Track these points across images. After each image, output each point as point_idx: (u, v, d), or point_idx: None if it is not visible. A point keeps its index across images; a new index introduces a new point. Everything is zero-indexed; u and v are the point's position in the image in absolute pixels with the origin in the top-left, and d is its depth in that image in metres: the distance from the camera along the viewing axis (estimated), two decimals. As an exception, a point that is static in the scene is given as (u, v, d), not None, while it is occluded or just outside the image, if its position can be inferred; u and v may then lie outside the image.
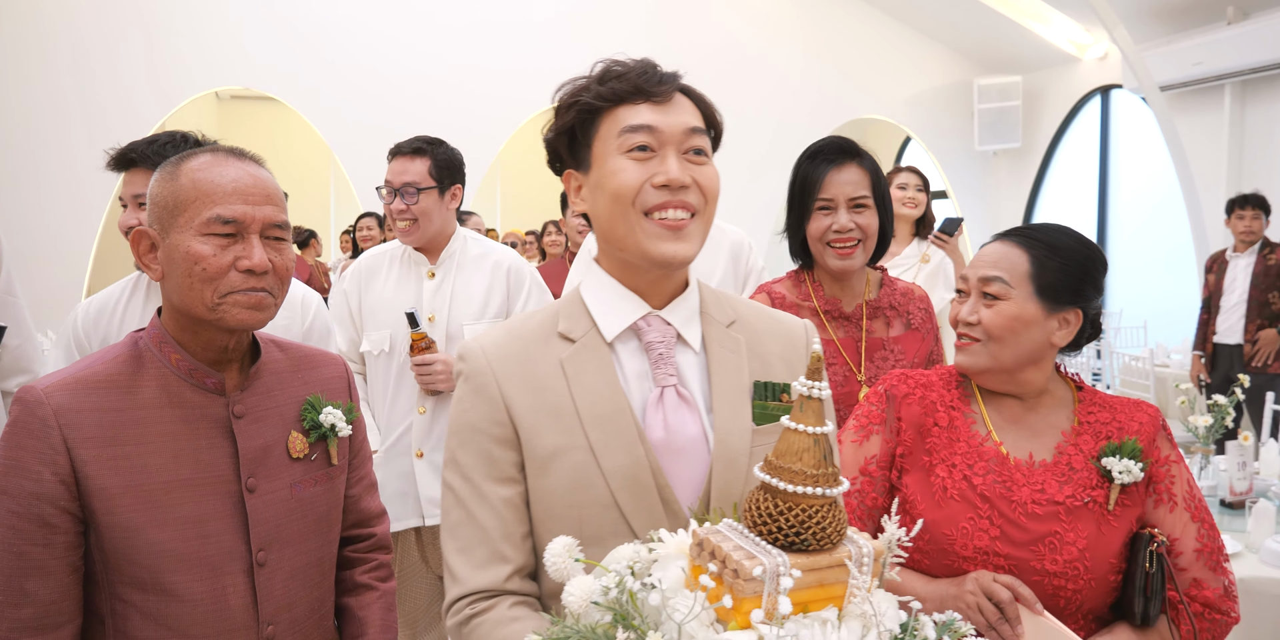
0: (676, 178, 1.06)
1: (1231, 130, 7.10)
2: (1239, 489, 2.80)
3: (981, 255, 1.51)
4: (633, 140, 1.07)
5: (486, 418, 1.09)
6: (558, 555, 0.88)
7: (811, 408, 0.82)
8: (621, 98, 1.09)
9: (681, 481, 1.08)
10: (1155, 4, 7.31)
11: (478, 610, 1.05)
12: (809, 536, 0.79)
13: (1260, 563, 2.36)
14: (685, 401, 1.10)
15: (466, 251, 2.51)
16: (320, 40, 7.61)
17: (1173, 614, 1.38)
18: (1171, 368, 5.88)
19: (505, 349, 1.12)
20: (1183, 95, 7.43)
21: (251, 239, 1.20)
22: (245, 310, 1.20)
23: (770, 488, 0.81)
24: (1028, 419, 1.49)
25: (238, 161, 1.23)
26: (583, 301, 1.15)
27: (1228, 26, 6.85)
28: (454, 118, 7.85)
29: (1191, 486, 1.45)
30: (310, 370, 1.37)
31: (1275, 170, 6.89)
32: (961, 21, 8.77)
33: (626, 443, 1.07)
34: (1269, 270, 4.80)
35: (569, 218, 4.27)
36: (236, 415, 1.24)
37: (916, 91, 9.35)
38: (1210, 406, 2.93)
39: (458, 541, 1.09)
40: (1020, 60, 9.07)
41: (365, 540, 1.45)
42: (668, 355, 1.12)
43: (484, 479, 1.09)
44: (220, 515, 1.21)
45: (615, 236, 1.10)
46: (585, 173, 1.13)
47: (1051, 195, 9.32)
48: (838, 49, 9.00)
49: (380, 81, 7.76)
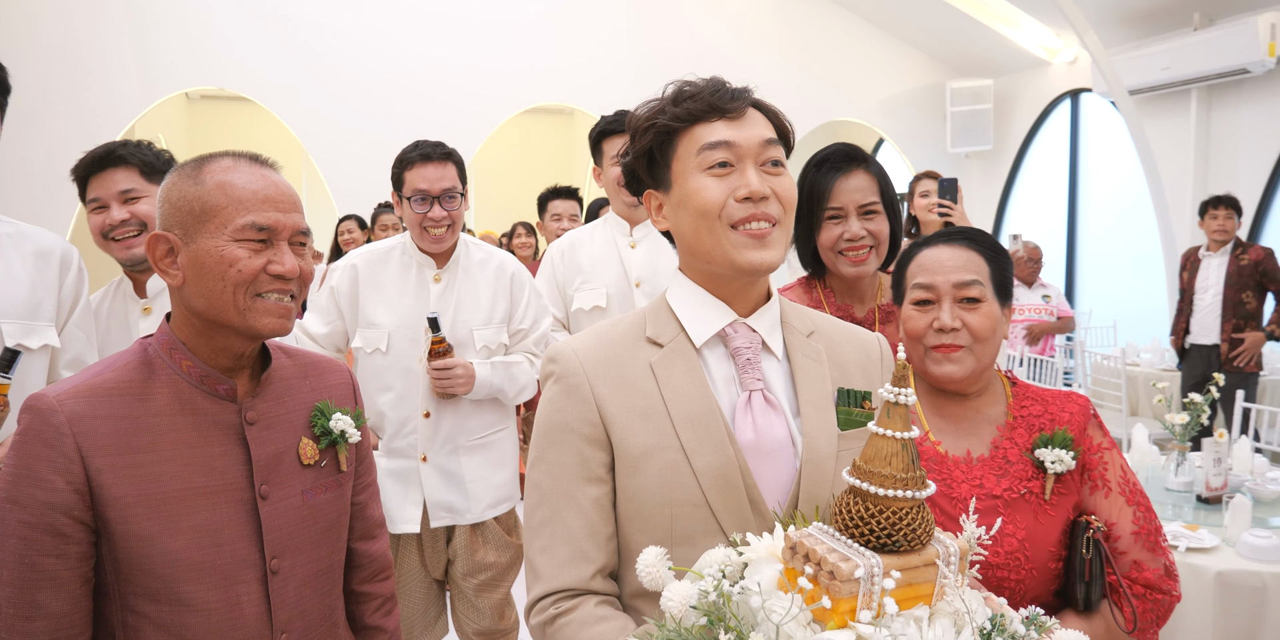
0: (758, 190, 1.10)
1: (1198, 133, 7.24)
2: (1214, 485, 2.87)
3: (940, 260, 1.49)
4: (712, 157, 1.10)
5: (579, 418, 1.11)
6: (650, 565, 0.90)
7: (899, 413, 0.84)
8: (697, 117, 1.13)
9: (768, 483, 1.11)
10: (1124, 9, 7.43)
11: (563, 609, 1.06)
12: (900, 538, 0.81)
13: (1237, 556, 2.41)
14: (772, 406, 1.13)
15: (470, 256, 2.51)
16: (293, 39, 7.54)
17: (1114, 597, 1.41)
18: (1142, 366, 5.98)
19: (596, 352, 1.15)
20: (1150, 99, 7.57)
21: (282, 245, 1.21)
22: (275, 319, 1.20)
23: (860, 491, 0.84)
24: (965, 416, 1.51)
25: (260, 168, 1.24)
26: (670, 308, 1.18)
27: (1194, 32, 6.99)
28: (430, 119, 7.81)
29: (1125, 471, 1.49)
30: (317, 377, 1.37)
31: (1240, 173, 7.04)
32: (934, 25, 8.87)
33: (717, 443, 1.09)
34: (1242, 270, 4.90)
35: (547, 222, 4.26)
36: (249, 422, 1.24)
37: (890, 94, 9.45)
38: (1186, 405, 2.99)
39: (542, 541, 1.10)
40: (992, 64, 9.19)
41: (368, 566, 1.45)
42: (754, 360, 1.14)
43: (574, 479, 1.10)
44: (234, 523, 1.20)
45: (703, 250, 1.13)
46: (666, 192, 1.16)
47: (1022, 197, 9.45)
48: (813, 52, 9.07)
49: (355, 82, 7.71)
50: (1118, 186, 8.29)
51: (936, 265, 1.49)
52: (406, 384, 2.41)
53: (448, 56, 7.98)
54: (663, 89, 1.17)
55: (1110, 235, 8.47)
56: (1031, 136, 9.19)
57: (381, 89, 7.78)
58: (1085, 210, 8.76)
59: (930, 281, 1.48)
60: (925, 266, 1.50)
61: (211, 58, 7.34)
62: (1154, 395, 4.77)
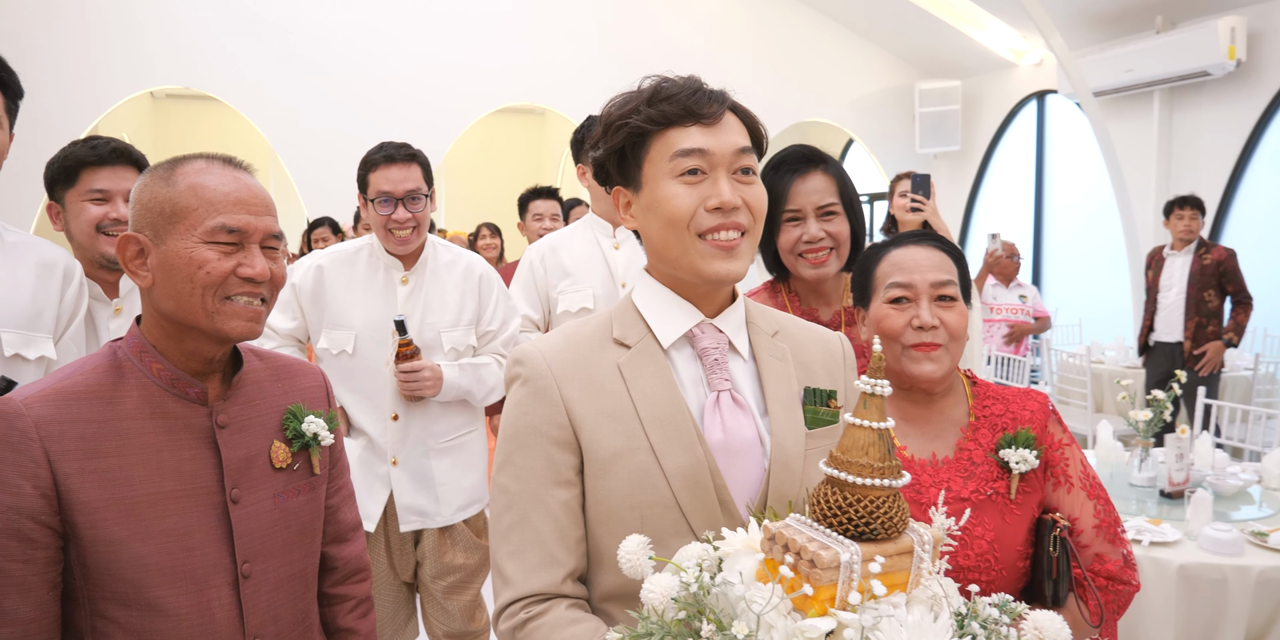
0: (729, 201, 1.09)
1: (1160, 135, 7.37)
2: (1177, 480, 2.92)
3: (916, 260, 1.50)
4: (685, 164, 1.09)
5: (547, 420, 1.10)
6: (632, 553, 0.91)
7: (875, 404, 0.86)
8: (672, 120, 1.11)
9: (737, 483, 1.11)
10: (1088, 12, 7.54)
11: (533, 613, 1.05)
12: (878, 526, 0.83)
13: (1199, 549, 2.46)
14: (740, 406, 1.13)
15: (438, 258, 2.49)
16: (260, 38, 7.47)
17: (1080, 591, 1.43)
18: (1106, 364, 6.08)
19: (563, 353, 1.14)
20: (1115, 101, 7.68)
21: (252, 248, 1.20)
22: (245, 322, 1.20)
23: (838, 481, 0.85)
24: (929, 418, 1.52)
25: (234, 171, 1.23)
26: (636, 309, 1.17)
27: (1156, 35, 7.11)
28: (401, 118, 7.77)
29: (1085, 466, 1.51)
30: (290, 379, 1.36)
31: (1201, 173, 7.17)
32: (903, 27, 8.95)
33: (687, 444, 1.09)
34: (1205, 269, 4.98)
35: (529, 222, 4.24)
36: (219, 425, 1.23)
37: (860, 95, 9.52)
38: (1149, 401, 3.04)
39: (510, 545, 1.09)
40: (960, 65, 9.29)
41: (342, 569, 1.44)
42: (722, 361, 1.14)
43: (542, 482, 1.09)
44: (204, 527, 1.19)
45: (670, 257, 1.13)
46: (635, 192, 1.15)
47: (990, 197, 9.56)
48: (785, 53, 9.13)
49: (323, 82, 7.64)
50: (1083, 187, 8.41)
51: (913, 264, 1.49)
52: (374, 386, 2.39)
53: (418, 55, 7.94)
54: (639, 82, 1.15)
55: (1075, 235, 8.59)
56: (999, 137, 9.30)
57: (351, 89, 7.72)
58: (1051, 210, 8.88)
59: (908, 280, 1.48)
60: (901, 266, 1.50)
61: (177, 56, 7.26)
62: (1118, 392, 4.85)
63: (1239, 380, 5.52)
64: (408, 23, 7.90)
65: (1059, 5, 7.42)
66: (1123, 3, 7.26)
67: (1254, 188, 6.96)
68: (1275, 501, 2.89)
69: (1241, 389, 5.49)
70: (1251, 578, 2.32)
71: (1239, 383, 5.51)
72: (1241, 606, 2.31)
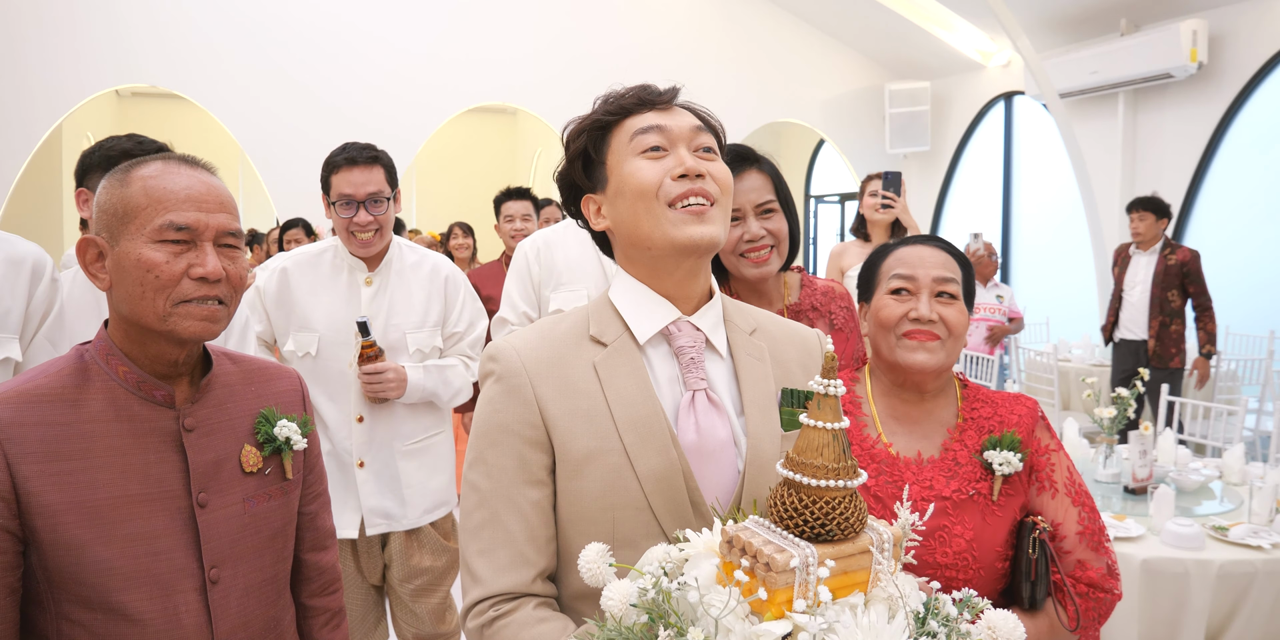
0: (693, 167, 1.10)
1: (1125, 136, 7.48)
2: (1140, 476, 2.97)
3: (922, 256, 1.52)
4: (646, 141, 1.12)
5: (520, 419, 1.10)
6: (591, 562, 0.90)
7: (829, 405, 0.86)
8: (628, 110, 1.15)
9: (711, 485, 1.10)
10: (1055, 15, 7.65)
11: (502, 612, 1.05)
12: (834, 527, 0.83)
13: (1162, 544, 2.50)
14: (715, 406, 1.13)
15: (403, 259, 2.48)
16: (228, 36, 7.39)
17: (1059, 596, 1.44)
18: (1073, 362, 6.15)
19: (538, 351, 1.13)
20: (1080, 102, 7.79)
21: (205, 246, 1.17)
22: (198, 322, 1.17)
23: (793, 483, 0.85)
24: (918, 418, 1.53)
25: (190, 169, 1.21)
26: (613, 306, 1.17)
27: (1121, 38, 7.22)
28: (372, 117, 7.72)
29: (1071, 472, 1.52)
30: (263, 383, 1.34)
31: (1164, 173, 7.29)
32: (873, 29, 9.02)
33: (660, 446, 1.08)
34: (1169, 269, 5.05)
35: (502, 223, 4.23)
36: (187, 428, 1.21)
37: (831, 96, 9.59)
38: (1114, 399, 3.09)
39: (480, 543, 1.08)
40: (929, 67, 9.38)
41: (318, 578, 1.43)
42: (698, 360, 1.14)
43: (513, 481, 1.09)
44: (170, 532, 1.18)
45: (642, 234, 1.12)
46: (603, 190, 1.16)
47: (959, 196, 9.66)
48: (757, 55, 9.18)
49: (294, 80, 7.58)
50: (1049, 187, 8.52)
51: (918, 260, 1.52)
52: (338, 388, 2.38)
53: (390, 53, 7.89)
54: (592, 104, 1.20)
55: (1042, 234, 8.71)
56: (967, 138, 9.40)
57: (321, 88, 7.66)
58: (1019, 210, 8.99)
59: (911, 273, 1.50)
60: (906, 260, 1.53)
61: (143, 54, 7.17)
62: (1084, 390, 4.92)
63: (1201, 377, 5.62)
64: (379, 21, 7.86)
65: (1026, 8, 7.52)
66: (1088, 6, 7.36)
67: (1216, 188, 7.09)
68: (1236, 496, 2.95)
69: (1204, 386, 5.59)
70: (1212, 571, 2.36)
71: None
72: (1203, 600, 2.36)
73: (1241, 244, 6.92)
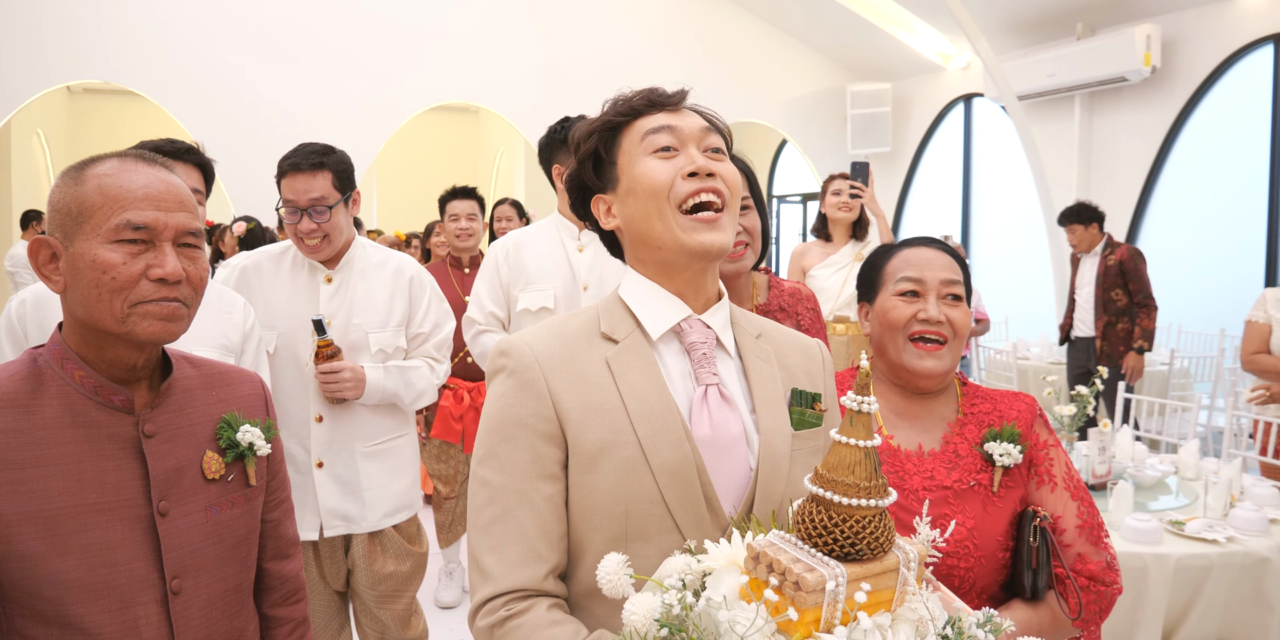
0: (703, 165, 1.12)
1: (1081, 138, 7.62)
2: (1099, 472, 3.02)
3: (928, 259, 1.56)
4: (657, 141, 1.13)
5: (534, 413, 1.09)
6: (611, 573, 0.88)
7: (861, 422, 0.84)
8: (639, 111, 1.16)
9: (723, 480, 1.11)
10: (1013, 18, 7.76)
11: (514, 611, 1.03)
12: (864, 546, 0.81)
13: (1121, 539, 2.54)
14: (728, 401, 1.13)
15: (367, 258, 2.44)
16: (183, 31, 7.25)
17: (1060, 588, 1.45)
18: (1031, 360, 6.25)
19: (550, 346, 1.13)
20: (1038, 104, 7.92)
21: (164, 246, 1.14)
22: (157, 321, 1.13)
23: (823, 500, 0.83)
24: (919, 414, 1.56)
25: (147, 167, 1.16)
26: (624, 303, 1.17)
27: (1077, 41, 7.34)
28: (333, 115, 7.63)
29: (1069, 468, 1.55)
30: (225, 387, 1.30)
31: (1119, 174, 7.43)
32: (836, 30, 9.09)
33: (674, 439, 1.08)
34: (1109, 270, 5.18)
35: (447, 223, 4.20)
36: (146, 434, 1.17)
37: (793, 97, 9.65)
38: (1073, 397, 3.14)
39: (491, 539, 1.07)
40: (890, 69, 9.47)
41: (280, 588, 1.39)
42: (710, 356, 1.14)
43: (526, 476, 1.08)
44: (129, 541, 1.13)
45: (653, 235, 1.13)
46: (614, 189, 1.17)
47: (919, 197, 9.77)
48: (720, 55, 9.21)
49: (252, 76, 7.46)
50: (1008, 187, 8.64)
51: (925, 262, 1.55)
52: (297, 387, 2.34)
53: (351, 50, 7.79)
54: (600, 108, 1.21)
55: (1001, 234, 8.83)
56: (928, 139, 9.51)
57: (280, 85, 7.55)
58: (978, 210, 9.12)
59: (920, 275, 1.53)
60: (913, 262, 1.55)
61: (95, 49, 7.00)
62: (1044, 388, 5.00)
63: (1155, 375, 5.73)
64: (340, 17, 7.76)
65: (984, 11, 7.62)
66: (1045, 10, 7.48)
67: (1169, 188, 7.24)
68: (1191, 491, 3.01)
69: (1158, 383, 5.70)
70: (1170, 565, 2.40)
71: (1156, 377, 5.72)
72: (1160, 593, 2.40)
73: (1194, 243, 7.07)
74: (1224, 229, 6.84)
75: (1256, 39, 6.45)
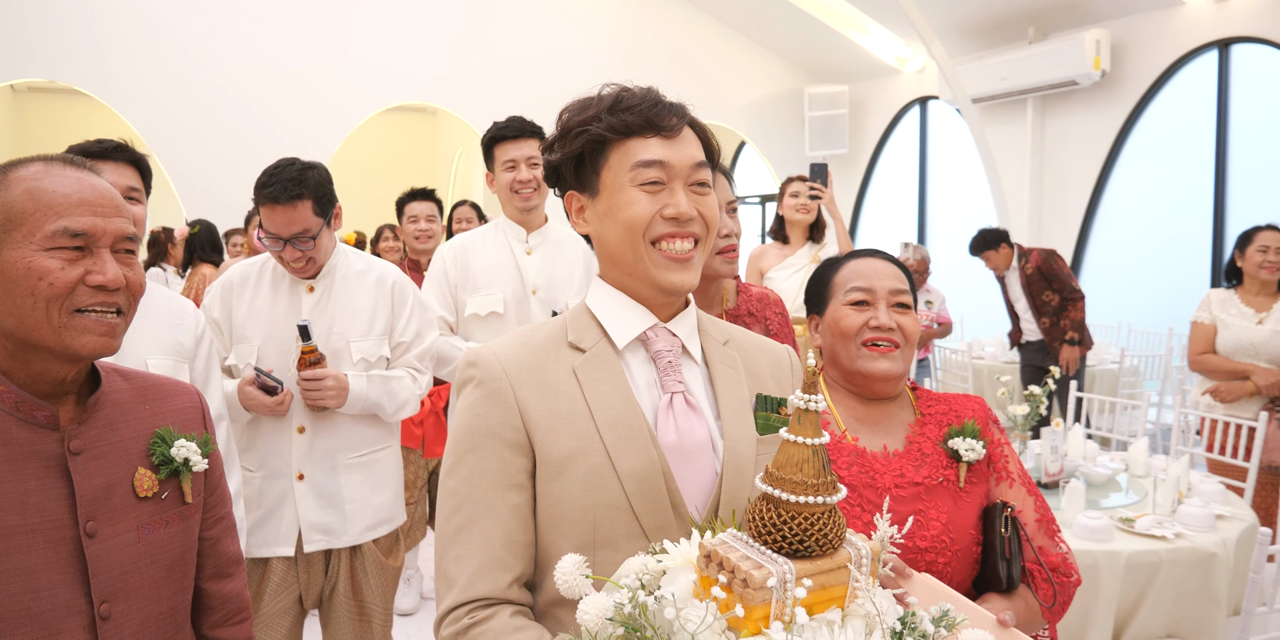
0: (685, 212, 1.12)
1: (1034, 140, 7.74)
2: (1052, 471, 3.06)
3: (877, 269, 1.61)
4: (645, 175, 1.12)
5: (501, 423, 1.10)
6: (568, 573, 0.89)
7: (809, 420, 0.85)
8: (634, 131, 1.14)
9: (690, 486, 1.12)
10: (967, 22, 7.86)
11: (478, 619, 1.03)
12: (812, 543, 0.82)
13: (1073, 536, 2.57)
14: (693, 408, 1.14)
15: (349, 266, 2.39)
16: (134, 29, 7.09)
17: (1030, 580, 1.50)
18: (986, 359, 6.33)
19: (518, 356, 1.13)
20: (991, 107, 8.03)
21: (102, 253, 1.09)
22: (98, 337, 1.09)
23: (772, 498, 0.84)
24: (878, 418, 1.60)
25: (75, 171, 1.12)
26: (591, 313, 1.18)
27: (1029, 45, 7.46)
28: (286, 115, 7.51)
29: (1021, 466, 1.61)
30: (159, 401, 1.25)
31: (1071, 176, 7.57)
32: (793, 33, 9.15)
33: (641, 446, 1.09)
34: (1030, 277, 5.32)
35: (405, 224, 4.16)
36: (73, 452, 1.11)
37: (752, 98, 9.70)
38: (1026, 396, 3.19)
39: (457, 549, 1.07)
40: (847, 71, 9.55)
41: (220, 608, 1.33)
42: (676, 364, 1.16)
43: (493, 485, 1.09)
44: (53, 566, 1.07)
45: (625, 262, 1.15)
46: (591, 197, 1.17)
47: (876, 198, 9.87)
48: (679, 56, 9.22)
49: (201, 76, 7.32)
50: (963, 188, 8.76)
51: (873, 272, 1.60)
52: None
53: (305, 49, 7.68)
54: (599, 89, 1.18)
55: (956, 234, 8.93)
56: (884, 141, 9.61)
57: (233, 84, 7.41)
58: (933, 211, 9.23)
59: (869, 285, 1.59)
60: (862, 273, 1.61)
61: (40, 48, 6.82)
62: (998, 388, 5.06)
63: (1106, 373, 5.83)
64: (295, 14, 7.64)
65: (939, 14, 7.71)
66: (998, 14, 7.59)
67: (1118, 190, 7.38)
68: (1141, 488, 3.06)
69: (1109, 382, 5.81)
70: (1121, 562, 2.44)
71: (1106, 375, 5.83)
72: (1112, 589, 2.44)
73: (1143, 244, 7.22)
74: (1173, 230, 6.99)
75: (1202, 44, 6.60)
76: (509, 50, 8.37)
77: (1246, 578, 2.39)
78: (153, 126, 7.16)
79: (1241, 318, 3.65)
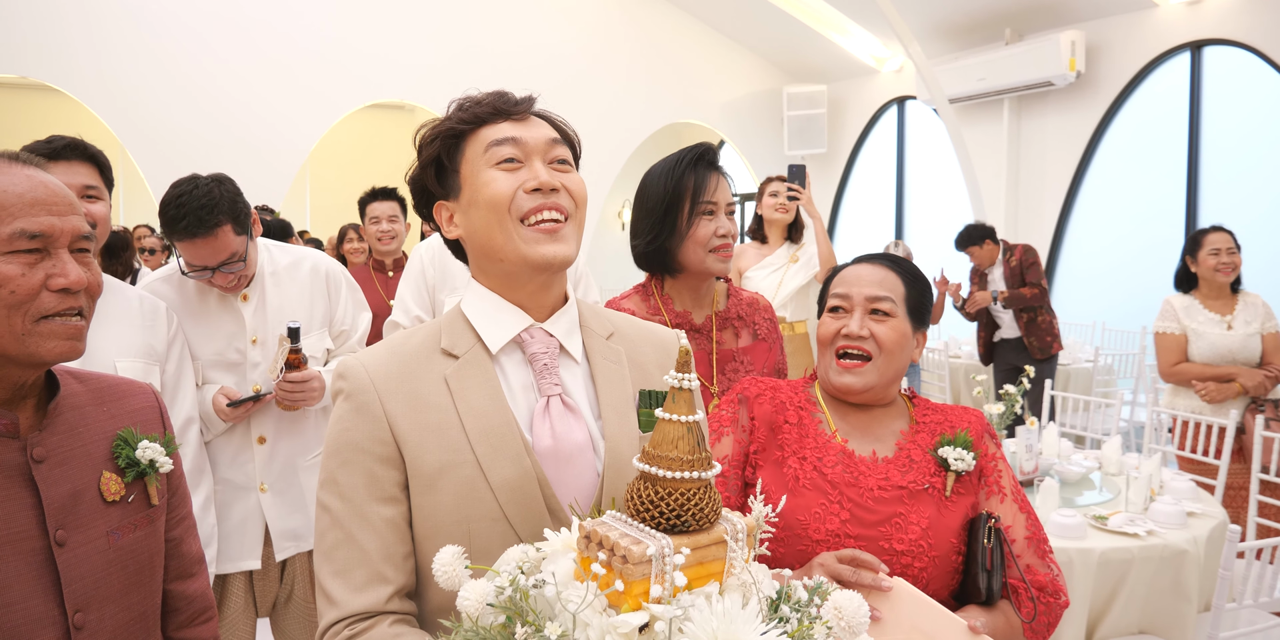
0: (547, 181, 1.10)
1: (1010, 140, 7.80)
2: (1027, 469, 3.08)
3: (859, 275, 1.58)
4: (500, 153, 1.11)
5: (369, 436, 1.08)
6: (447, 564, 0.88)
7: (683, 398, 0.87)
8: (483, 119, 1.13)
9: (570, 489, 1.10)
10: (944, 23, 7.91)
11: (357, 631, 1.02)
12: (689, 518, 0.84)
13: (1048, 534, 2.60)
14: (571, 410, 1.12)
15: (275, 263, 2.31)
16: (107, 25, 7.00)
17: (1013, 596, 1.47)
18: (962, 359, 6.37)
19: (387, 367, 1.11)
20: (968, 107, 8.08)
21: (61, 254, 1.06)
22: (64, 342, 1.05)
23: (649, 476, 0.85)
24: (869, 424, 1.58)
25: (23, 168, 1.08)
26: (465, 317, 1.16)
27: (1006, 46, 7.52)
28: (263, 112, 7.45)
29: (1015, 482, 1.58)
30: (116, 402, 1.22)
31: (1046, 176, 7.63)
32: (772, 32, 9.17)
33: (513, 455, 1.08)
34: (1014, 270, 5.35)
35: (368, 225, 4.10)
36: (36, 459, 1.08)
37: (731, 98, 9.71)
38: (1000, 395, 3.21)
39: (335, 564, 1.05)
40: (826, 71, 9.59)
41: (186, 609, 1.31)
42: (552, 365, 1.14)
43: (366, 499, 1.06)
44: (24, 577, 1.04)
45: (494, 247, 1.11)
46: (456, 198, 1.15)
47: (854, 198, 9.91)
48: (659, 56, 9.23)
49: (176, 74, 7.24)
50: (939, 188, 8.81)
51: (854, 279, 1.58)
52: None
53: (281, 47, 7.62)
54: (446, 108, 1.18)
55: (932, 234, 8.99)
56: (862, 140, 9.65)
57: (209, 81, 7.34)
58: (910, 210, 9.28)
59: (846, 292, 1.56)
60: (844, 279, 1.59)
61: (12, 43, 6.72)
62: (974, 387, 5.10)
63: (1080, 372, 5.88)
64: (270, 11, 7.57)
65: (917, 15, 7.75)
66: (975, 15, 7.64)
67: (1093, 190, 7.45)
68: (1114, 486, 3.09)
69: (1083, 380, 5.86)
70: (1094, 559, 2.46)
71: (1080, 374, 5.87)
72: (1085, 587, 2.46)
73: (1117, 244, 7.29)
74: (1147, 230, 7.06)
75: (1175, 46, 6.67)
76: (486, 47, 8.34)
77: (1217, 574, 2.41)
78: (126, 124, 7.08)
79: (1210, 324, 3.67)
